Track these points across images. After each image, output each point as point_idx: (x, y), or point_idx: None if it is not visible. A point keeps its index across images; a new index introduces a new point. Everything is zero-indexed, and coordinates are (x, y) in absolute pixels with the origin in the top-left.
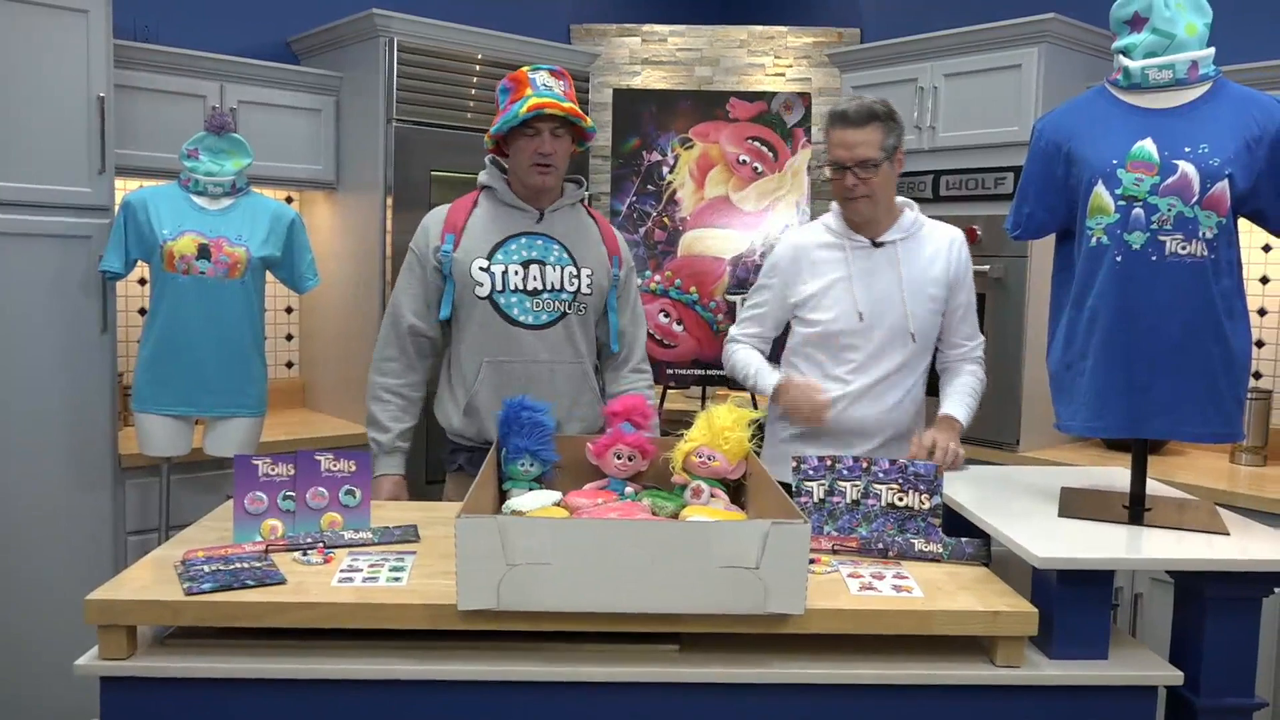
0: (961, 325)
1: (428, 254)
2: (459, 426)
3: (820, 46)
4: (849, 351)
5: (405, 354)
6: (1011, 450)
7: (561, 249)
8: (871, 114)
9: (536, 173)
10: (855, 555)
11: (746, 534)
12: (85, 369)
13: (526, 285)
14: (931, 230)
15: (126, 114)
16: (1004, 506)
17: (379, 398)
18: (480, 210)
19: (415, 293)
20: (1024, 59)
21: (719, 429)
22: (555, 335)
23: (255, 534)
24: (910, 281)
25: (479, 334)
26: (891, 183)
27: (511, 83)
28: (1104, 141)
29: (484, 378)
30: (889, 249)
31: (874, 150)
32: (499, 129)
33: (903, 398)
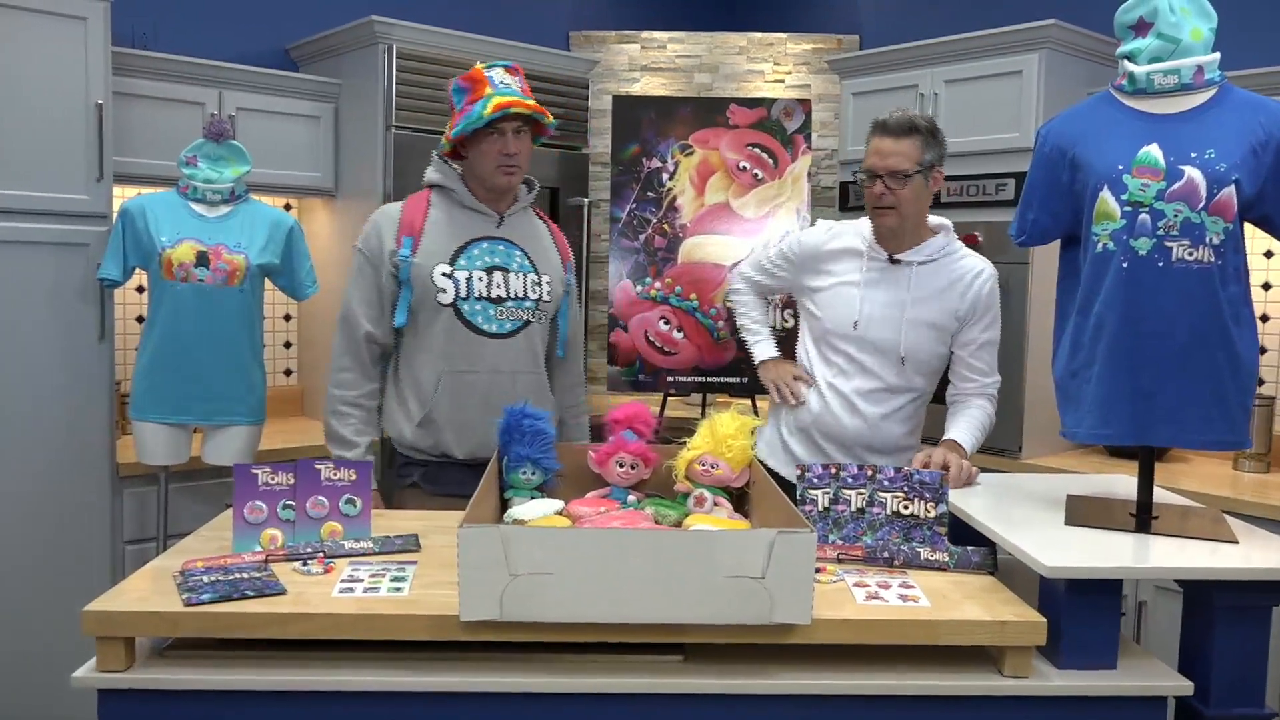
0: (975, 360)
1: (382, 257)
2: (412, 439)
3: (820, 53)
4: (837, 355)
5: (361, 363)
6: (1014, 457)
7: (523, 255)
8: (912, 127)
9: (503, 173)
10: (860, 564)
11: (751, 543)
12: (83, 377)
13: (490, 293)
14: (960, 261)
15: (125, 121)
16: (1010, 515)
17: (338, 412)
18: (437, 211)
19: (369, 298)
20: (1025, 65)
21: (722, 437)
22: (518, 345)
23: (255, 544)
24: (915, 305)
25: (441, 343)
26: (922, 199)
27: (467, 82)
28: (1109, 147)
29: (444, 389)
30: (905, 269)
31: (907, 162)
32: (461, 131)
33: (884, 417)
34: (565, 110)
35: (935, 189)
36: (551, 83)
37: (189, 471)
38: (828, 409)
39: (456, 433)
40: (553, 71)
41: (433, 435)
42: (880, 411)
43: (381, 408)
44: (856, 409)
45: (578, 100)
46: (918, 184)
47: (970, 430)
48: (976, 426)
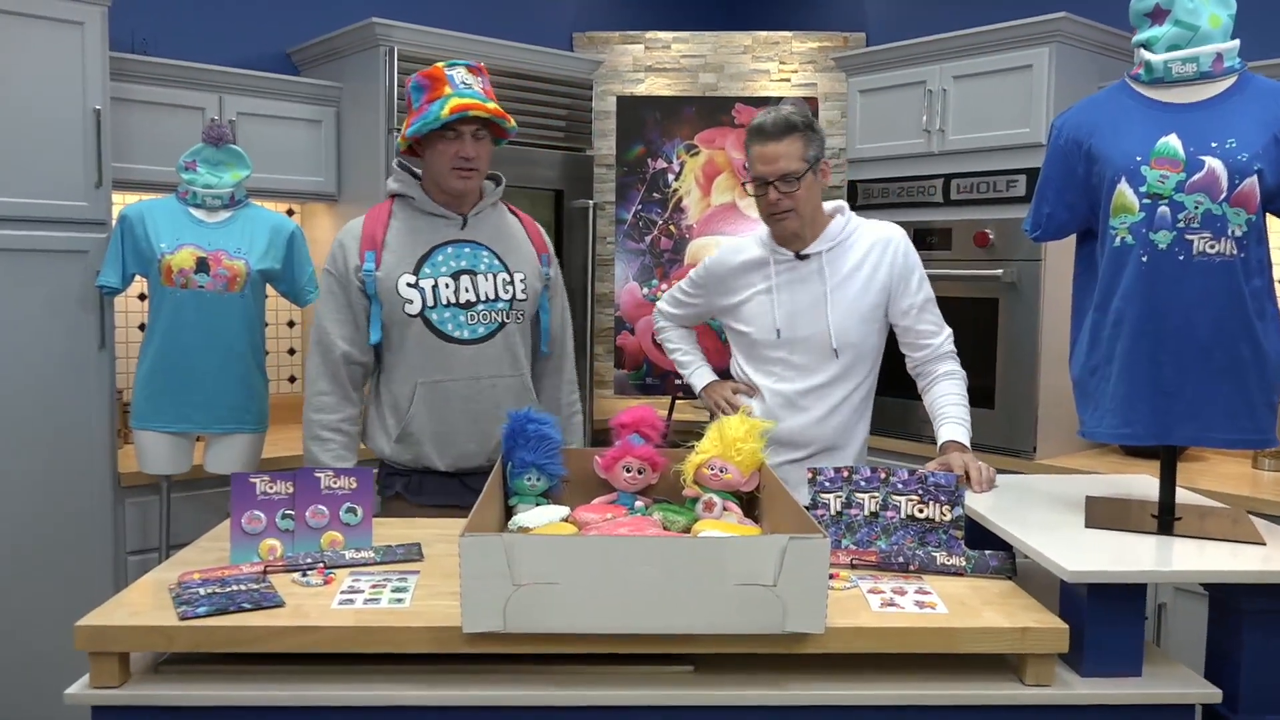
0: (920, 324)
1: (348, 275)
2: (391, 454)
3: (825, 51)
4: (771, 364)
5: (339, 386)
6: (1028, 458)
7: (491, 255)
8: (789, 125)
9: (457, 177)
10: (875, 570)
11: (763, 550)
12: (83, 386)
13: (459, 298)
14: (864, 234)
15: (124, 127)
16: (1027, 518)
17: (318, 437)
18: (398, 221)
19: (342, 318)
20: (1035, 59)
21: (731, 440)
22: (494, 349)
23: (253, 554)
24: (836, 293)
25: (413, 355)
26: (815, 194)
27: (427, 80)
28: (1126, 138)
29: (419, 401)
30: (815, 260)
31: (795, 163)
32: (416, 131)
33: (830, 411)
34: (569, 112)
35: (826, 180)
36: (555, 84)
37: (191, 481)
38: (770, 413)
39: (436, 444)
40: (556, 73)
41: (411, 449)
42: (824, 406)
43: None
44: (800, 407)
45: (582, 101)
46: (809, 181)
47: (959, 416)
48: (958, 404)
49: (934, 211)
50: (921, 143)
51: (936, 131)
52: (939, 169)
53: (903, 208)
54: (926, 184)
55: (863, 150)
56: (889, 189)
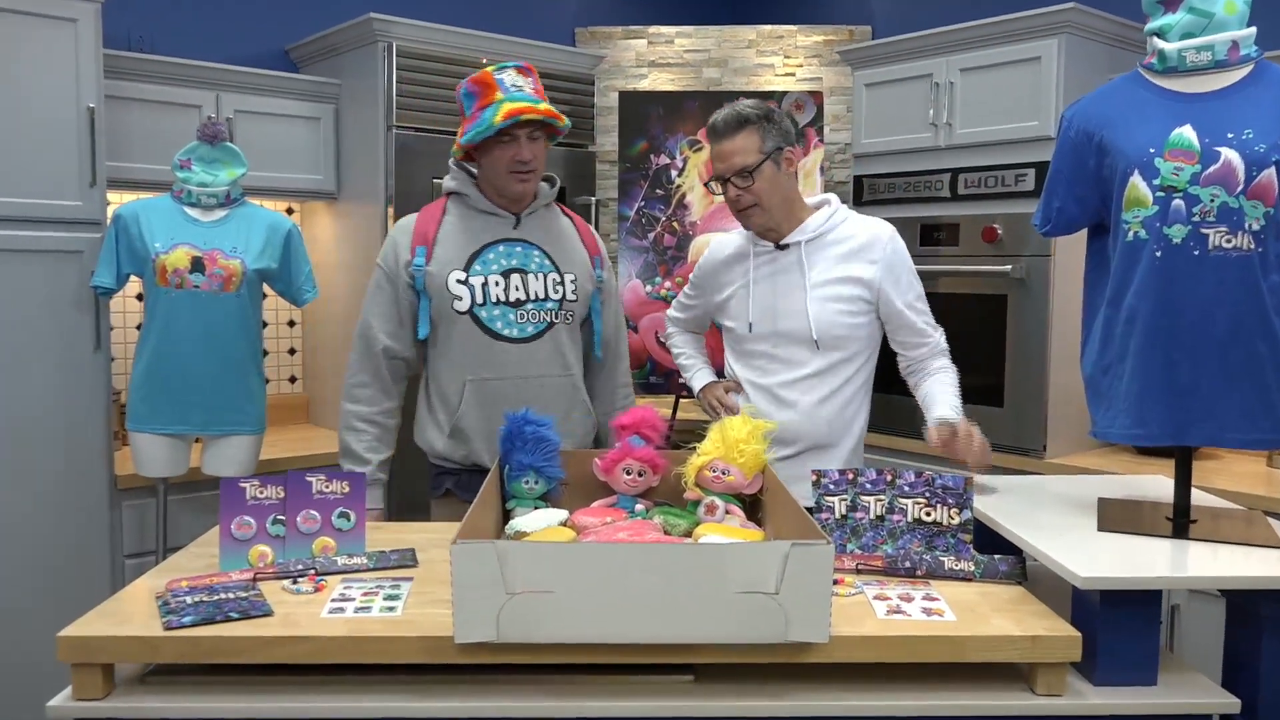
0: (910, 322)
1: (398, 269)
2: (443, 450)
3: (830, 45)
4: (753, 358)
5: (379, 379)
6: (1038, 457)
7: (542, 255)
8: (741, 120)
9: (516, 181)
10: (881, 575)
11: (765, 556)
12: (78, 387)
13: (509, 297)
14: (851, 228)
15: (120, 125)
16: (1038, 520)
17: (353, 427)
18: (451, 218)
19: (387, 312)
20: (1043, 51)
21: (733, 441)
22: (543, 348)
23: (243, 561)
24: (817, 284)
25: (460, 352)
26: (781, 185)
27: (477, 86)
28: (1139, 129)
29: (469, 398)
30: (794, 251)
31: (750, 156)
32: (471, 139)
33: (816, 406)
34: (571, 108)
35: (791, 170)
36: (557, 79)
37: (188, 483)
38: (756, 409)
39: (487, 442)
40: (558, 68)
41: (463, 445)
42: (810, 400)
43: (404, 424)
44: (783, 401)
45: (584, 97)
46: (769, 173)
47: (949, 401)
48: (951, 390)
49: (941, 207)
50: (928, 137)
51: (944, 125)
52: (946, 163)
53: (909, 203)
54: (933, 179)
55: (869, 145)
56: (895, 184)
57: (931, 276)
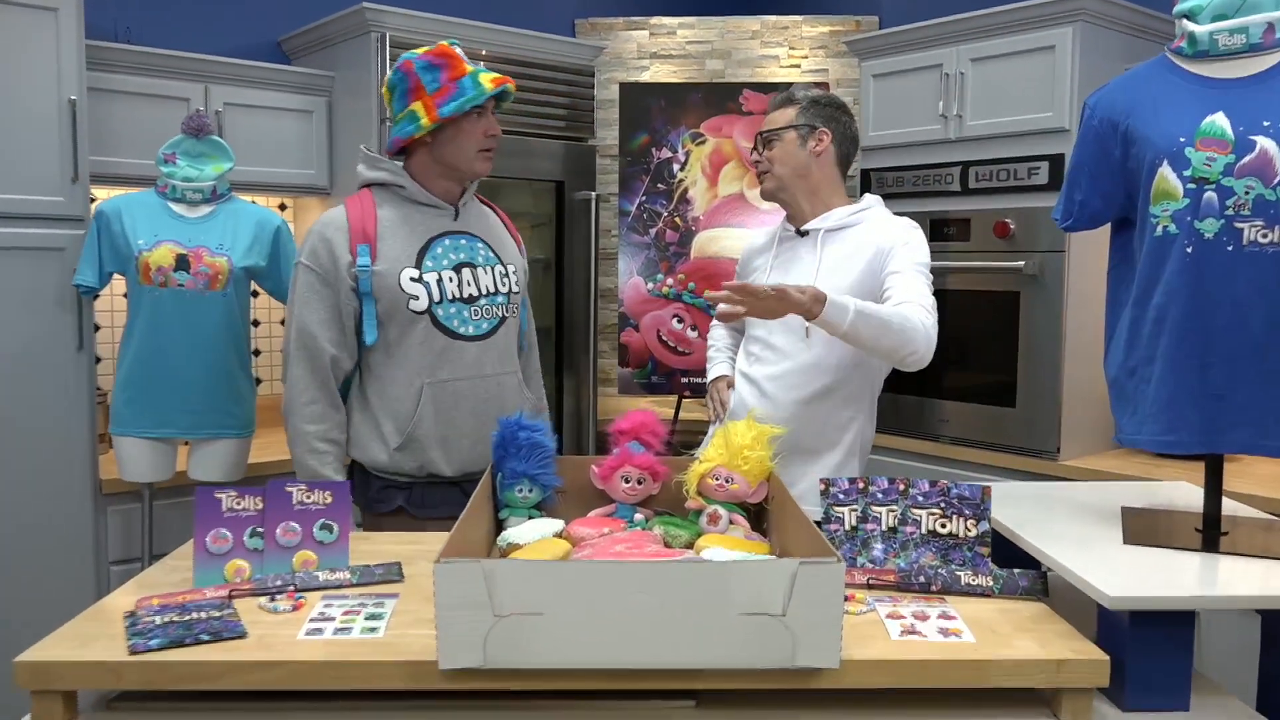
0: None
1: (337, 272)
2: (390, 463)
3: (837, 35)
4: (753, 344)
5: (327, 392)
6: (1051, 459)
7: (485, 247)
8: (788, 99)
9: (484, 159)
10: (894, 590)
11: (770, 575)
12: (61, 389)
13: (463, 293)
14: (877, 224)
15: (105, 118)
16: (1059, 532)
17: (315, 449)
18: (387, 212)
19: (328, 319)
20: (1057, 40)
21: (737, 447)
22: (497, 344)
23: (219, 577)
24: (826, 273)
25: (416, 354)
26: (796, 158)
27: (440, 59)
28: (1168, 117)
29: (426, 403)
30: (812, 238)
31: (777, 124)
32: (458, 109)
33: (798, 405)
34: (570, 100)
35: (819, 150)
36: (556, 71)
37: (175, 487)
38: (741, 401)
39: (444, 449)
40: (557, 60)
41: (416, 456)
42: (795, 397)
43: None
44: (769, 396)
45: (584, 89)
46: (788, 142)
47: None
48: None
49: (952, 201)
50: (938, 129)
51: (954, 117)
52: (957, 156)
53: (919, 197)
54: (943, 172)
55: (876, 138)
56: (904, 178)
57: (942, 273)
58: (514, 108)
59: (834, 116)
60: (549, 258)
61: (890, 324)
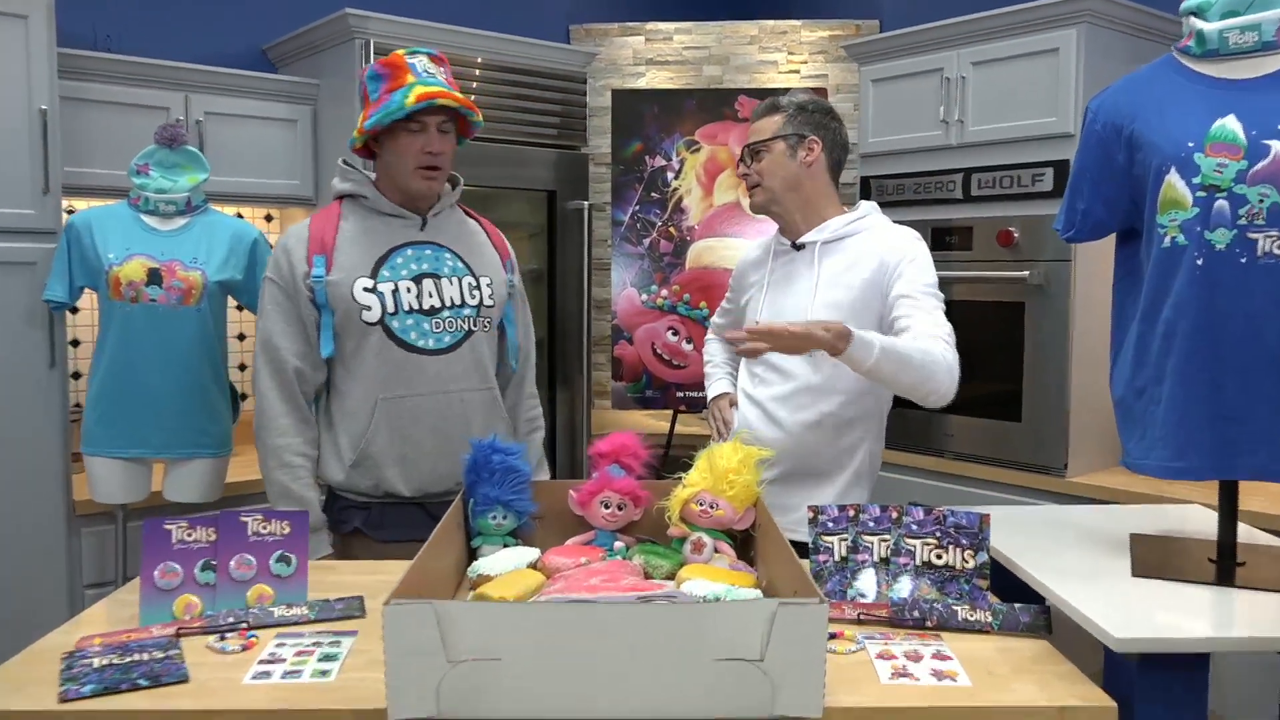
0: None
1: (295, 283)
2: (346, 481)
3: (837, 40)
4: (755, 365)
5: (296, 406)
6: (1059, 476)
7: (454, 257)
8: (773, 106)
9: (422, 177)
10: (886, 626)
11: (747, 617)
12: (33, 407)
13: (422, 304)
14: (876, 234)
15: (80, 129)
16: (1063, 563)
17: (287, 464)
18: (349, 223)
19: (292, 331)
20: (1061, 42)
21: (722, 471)
22: (461, 359)
23: (166, 614)
24: (824, 288)
25: (372, 368)
26: (786, 169)
27: (386, 68)
28: (1176, 121)
29: (380, 418)
30: (809, 251)
31: (764, 134)
32: (377, 122)
33: (809, 427)
34: (562, 108)
35: (809, 160)
36: (547, 78)
37: (150, 507)
38: (745, 423)
39: (400, 467)
40: (548, 66)
41: (371, 474)
42: (803, 420)
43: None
44: (774, 418)
45: (575, 96)
46: (776, 153)
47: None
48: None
49: (953, 209)
50: (939, 135)
51: (955, 122)
52: (958, 163)
53: (919, 205)
54: (945, 179)
55: (875, 144)
56: (904, 185)
57: (944, 283)
58: (505, 115)
59: (823, 123)
60: (541, 268)
61: (913, 360)
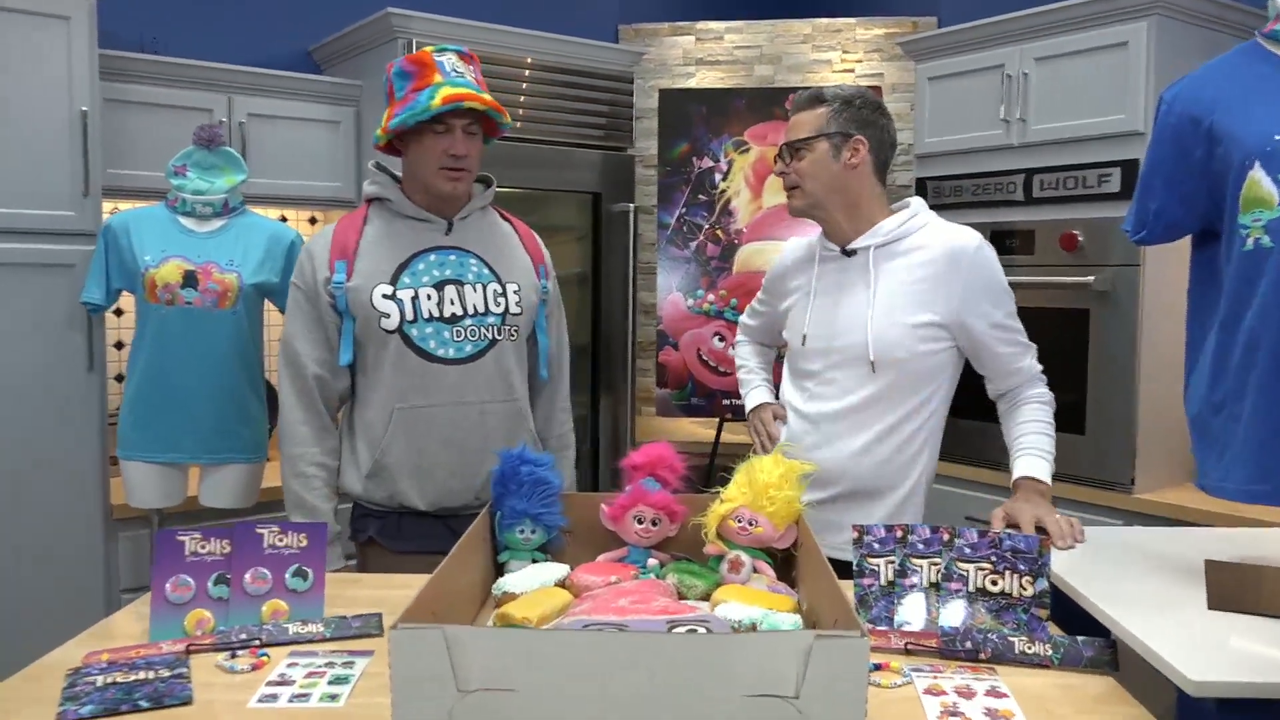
0: (999, 346)
1: (316, 288)
2: (363, 492)
3: (892, 38)
4: (804, 379)
5: (316, 414)
6: (1125, 491)
7: (480, 263)
8: (817, 98)
9: (446, 178)
10: (935, 658)
11: (781, 650)
12: (71, 410)
13: (443, 312)
14: (932, 235)
15: (123, 130)
16: (1131, 591)
17: (302, 474)
18: (373, 227)
19: (313, 337)
20: (1130, 35)
21: (762, 486)
22: (484, 369)
23: (178, 629)
24: (882, 296)
25: (390, 377)
26: (829, 171)
27: (412, 66)
28: (1261, 112)
29: (396, 429)
30: (862, 257)
31: (804, 131)
32: (401, 123)
33: (868, 445)
34: (608, 108)
35: (855, 162)
36: (593, 78)
37: (187, 512)
38: (796, 439)
39: (415, 479)
40: (595, 66)
41: (386, 486)
42: (863, 438)
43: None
44: (831, 437)
45: (622, 96)
46: (819, 153)
47: (1040, 450)
48: (1041, 434)
49: (1014, 211)
50: (999, 134)
51: (1016, 121)
52: (1019, 163)
53: (978, 208)
54: (1005, 180)
55: (932, 144)
56: (962, 187)
57: None
58: (550, 116)
59: (870, 120)
60: (585, 271)
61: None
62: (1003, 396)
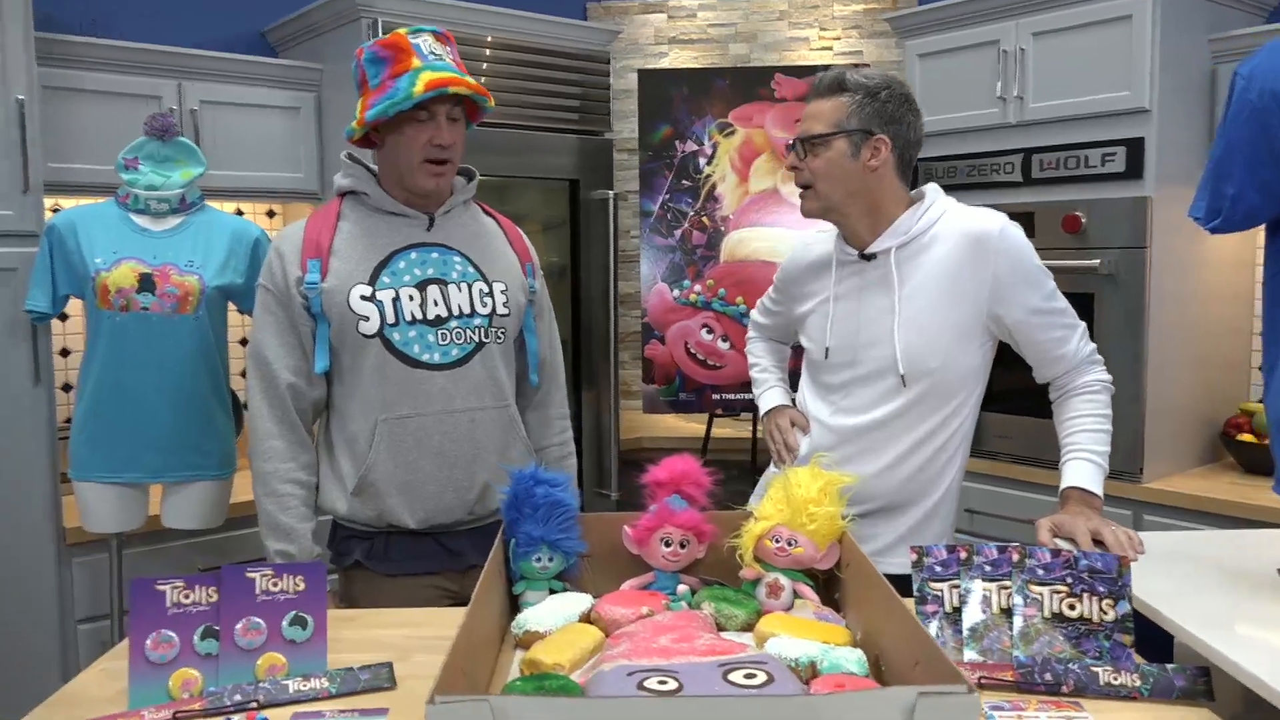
0: (1042, 335)
1: (288, 290)
2: (349, 512)
3: (872, 14)
4: (829, 392)
5: (290, 426)
6: (1134, 480)
7: (465, 260)
8: (839, 85)
9: (429, 174)
10: (1013, 692)
11: (879, 712)
12: (16, 427)
13: (426, 314)
14: (951, 226)
15: (64, 120)
16: (1211, 607)
17: (275, 493)
18: (348, 223)
19: (285, 342)
20: (1134, 8)
21: (801, 502)
22: (472, 374)
23: (161, 693)
24: (908, 303)
25: (371, 385)
26: (845, 173)
27: (387, 50)
28: None
29: (381, 442)
30: (883, 261)
31: (820, 124)
32: (382, 113)
33: (897, 460)
34: (583, 90)
35: (876, 164)
36: (566, 58)
37: (147, 534)
38: (817, 452)
39: (404, 496)
40: (568, 46)
41: (373, 504)
42: (892, 452)
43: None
44: (858, 449)
45: (598, 78)
46: (836, 152)
47: (1088, 449)
48: (1092, 431)
49: (1012, 193)
50: (996, 113)
51: (1014, 99)
52: (1017, 143)
53: (974, 189)
54: (1002, 161)
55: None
56: (957, 168)
57: None
58: (522, 100)
59: (895, 116)
60: (564, 262)
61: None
62: (1052, 384)
